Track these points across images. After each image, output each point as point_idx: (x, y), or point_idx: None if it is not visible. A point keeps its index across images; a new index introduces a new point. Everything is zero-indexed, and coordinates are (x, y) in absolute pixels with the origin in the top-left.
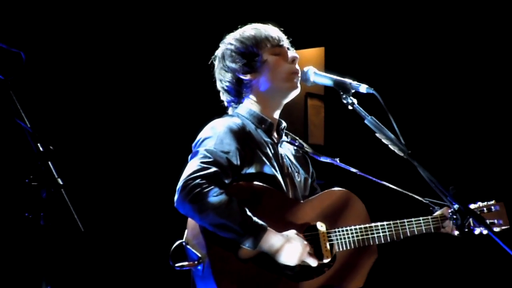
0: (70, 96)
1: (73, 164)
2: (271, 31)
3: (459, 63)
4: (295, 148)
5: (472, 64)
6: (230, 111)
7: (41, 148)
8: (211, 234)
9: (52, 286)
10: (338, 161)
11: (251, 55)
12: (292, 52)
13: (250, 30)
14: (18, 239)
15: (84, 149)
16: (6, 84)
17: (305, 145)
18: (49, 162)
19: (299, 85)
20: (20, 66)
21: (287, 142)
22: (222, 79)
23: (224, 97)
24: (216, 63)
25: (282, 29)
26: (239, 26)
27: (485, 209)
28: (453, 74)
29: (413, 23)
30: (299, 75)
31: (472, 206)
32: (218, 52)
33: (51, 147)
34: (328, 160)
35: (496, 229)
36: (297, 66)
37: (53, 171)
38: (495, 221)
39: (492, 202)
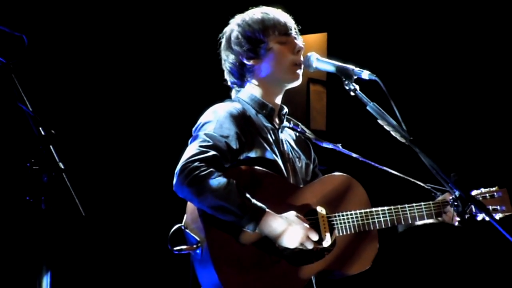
0: (72, 80)
1: (75, 148)
2: (281, 17)
3: (462, 49)
4: (297, 133)
5: (474, 50)
6: (233, 93)
7: (42, 132)
8: (210, 218)
9: (52, 270)
10: (340, 147)
11: (256, 41)
12: (299, 42)
13: (260, 14)
14: (19, 223)
15: (85, 134)
16: (8, 67)
17: (307, 130)
18: (51, 146)
19: (301, 76)
20: (22, 50)
21: (288, 127)
22: (226, 59)
23: (228, 77)
24: (223, 42)
25: (292, 16)
26: (250, 8)
27: (487, 195)
28: (456, 60)
29: (415, 9)
30: (302, 66)
31: (474, 192)
32: (226, 32)
33: (52, 131)
34: (330, 146)
35: (499, 215)
36: (301, 58)
37: (55, 155)
38: (498, 207)
39: (495, 188)
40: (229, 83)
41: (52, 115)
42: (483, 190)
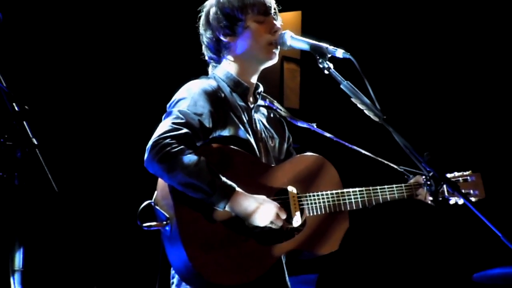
0: (46, 55)
1: (48, 124)
2: None
3: (434, 28)
4: (271, 112)
5: (446, 29)
6: (210, 69)
7: (16, 108)
8: (180, 195)
9: (25, 246)
10: (315, 126)
11: (234, 18)
12: (277, 23)
13: None
14: None
15: (59, 109)
16: None
17: (282, 109)
18: (24, 122)
19: (277, 56)
20: None
21: (263, 106)
22: (204, 34)
23: (205, 52)
24: (202, 16)
25: None
26: None
27: (460, 179)
28: (429, 39)
29: None
30: (279, 47)
31: (447, 175)
32: (206, 6)
33: (26, 107)
34: (305, 125)
35: (472, 200)
36: (278, 38)
37: (28, 131)
38: (471, 191)
39: (469, 172)
40: (206, 58)
41: (26, 90)
42: (456, 173)
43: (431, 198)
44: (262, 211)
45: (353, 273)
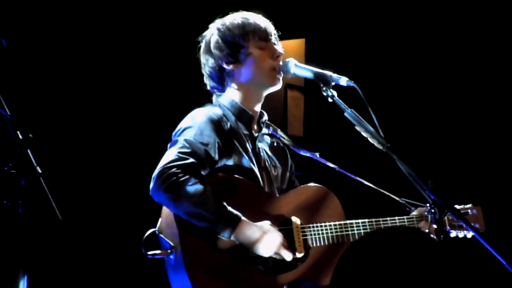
0: (50, 84)
1: (52, 153)
2: (261, 23)
3: (439, 56)
4: (274, 140)
5: (451, 58)
6: (214, 98)
7: (20, 136)
8: (185, 223)
9: (29, 273)
10: (318, 155)
11: (236, 45)
12: (278, 48)
13: (240, 18)
14: None
15: (63, 138)
16: None
17: (285, 137)
18: (28, 150)
19: (281, 81)
20: (1, 53)
21: (267, 134)
22: (206, 63)
23: (207, 81)
24: (202, 46)
25: (270, 21)
26: (230, 12)
27: (461, 212)
28: (433, 67)
29: (393, 15)
30: (281, 72)
31: None
32: (206, 36)
33: (30, 135)
34: (308, 154)
35: (472, 234)
36: (280, 63)
37: (32, 159)
38: (471, 224)
39: (470, 205)
40: (208, 88)
41: (30, 119)
42: (457, 207)
43: (435, 226)
44: (266, 241)
45: None
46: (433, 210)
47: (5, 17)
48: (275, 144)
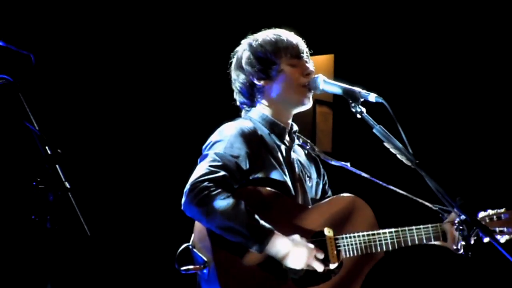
0: (78, 99)
1: (81, 168)
2: (293, 40)
3: (469, 73)
4: (307, 151)
5: (482, 73)
6: (243, 113)
7: (49, 151)
8: (218, 238)
9: None
10: (349, 165)
11: (268, 62)
12: (309, 66)
13: (272, 35)
14: (24, 242)
15: (92, 153)
16: (15, 86)
17: (316, 148)
18: (57, 165)
19: (311, 100)
20: (30, 68)
21: (298, 145)
22: (236, 79)
23: (237, 97)
24: (233, 61)
25: (301, 38)
26: (262, 29)
27: (495, 217)
28: (464, 84)
29: (423, 31)
30: (312, 90)
31: (481, 214)
32: (237, 51)
33: (59, 150)
34: (338, 164)
35: (506, 238)
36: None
37: (61, 174)
38: (505, 229)
39: (502, 210)
40: (238, 103)
41: (59, 134)
42: (490, 212)
43: (463, 243)
44: (297, 253)
45: None
46: (461, 227)
47: (33, 31)
48: (307, 154)
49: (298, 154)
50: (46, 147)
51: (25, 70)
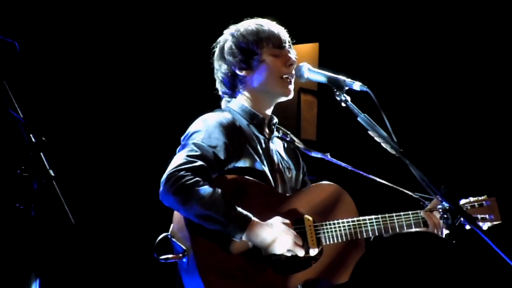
0: (63, 87)
1: (65, 156)
2: (275, 30)
3: (452, 61)
4: (286, 143)
5: (465, 63)
6: (223, 103)
7: (33, 139)
8: (196, 227)
9: (41, 277)
10: (329, 156)
11: (250, 52)
12: (292, 56)
13: (254, 25)
14: (8, 230)
15: (76, 141)
16: (0, 74)
17: (296, 140)
18: (41, 153)
19: (292, 91)
20: (14, 56)
21: (278, 137)
22: (219, 69)
23: (219, 87)
24: (216, 51)
25: (284, 26)
26: (244, 18)
27: (476, 204)
28: (447, 72)
29: (407, 19)
30: (293, 81)
31: (463, 201)
32: (220, 41)
33: (43, 138)
34: (319, 155)
35: (487, 225)
36: (293, 72)
37: (45, 162)
38: (487, 216)
39: (484, 197)
40: (220, 93)
41: (43, 122)
42: (471, 199)
43: (447, 231)
44: (279, 239)
45: None
46: (445, 215)
47: (18, 19)
48: (287, 146)
49: (277, 146)
50: (31, 135)
51: (10, 58)
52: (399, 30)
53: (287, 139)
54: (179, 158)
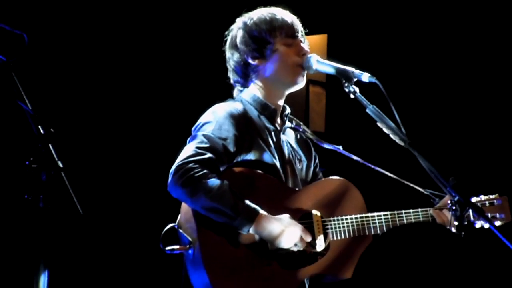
0: (71, 78)
1: (73, 147)
2: (289, 19)
3: (463, 52)
4: (298, 134)
5: (475, 54)
6: (235, 92)
7: (41, 131)
8: (203, 218)
9: (50, 269)
10: (341, 148)
11: (263, 41)
12: (304, 46)
13: (268, 14)
14: (17, 221)
15: (84, 132)
16: (8, 65)
17: (308, 130)
18: (50, 145)
19: (304, 80)
20: (23, 48)
21: (290, 128)
22: (231, 57)
23: (231, 75)
24: (228, 40)
25: (298, 18)
26: (257, 7)
27: (487, 202)
28: (457, 63)
29: (416, 11)
30: (305, 70)
31: (474, 199)
32: (232, 30)
33: (51, 130)
34: (331, 147)
35: (498, 223)
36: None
37: (54, 153)
38: (497, 215)
39: (495, 195)
40: (232, 82)
41: (52, 113)
42: (482, 197)
43: (455, 223)
44: (286, 234)
45: None
46: (454, 207)
47: (26, 11)
48: (299, 137)
49: (289, 137)
50: (39, 127)
51: (18, 50)
52: (407, 21)
53: (300, 129)
54: (188, 149)
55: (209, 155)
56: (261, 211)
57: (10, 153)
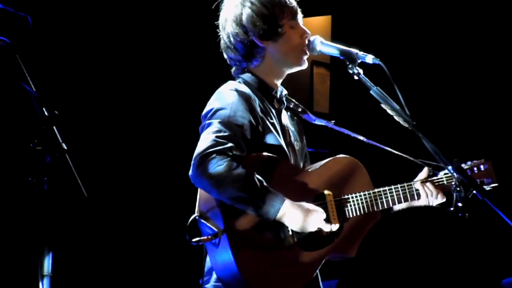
0: (75, 60)
1: (78, 129)
2: (292, 1)
3: (466, 34)
4: (291, 114)
5: (479, 36)
6: (233, 71)
7: (46, 113)
8: (228, 208)
9: (54, 251)
10: (332, 123)
11: (273, 23)
12: (304, 27)
13: None
14: (21, 203)
15: (89, 114)
16: (12, 48)
17: (300, 105)
18: (54, 127)
19: (306, 62)
20: (27, 30)
21: (289, 108)
22: (234, 35)
23: (229, 53)
24: (228, 16)
25: (301, 1)
26: None
27: (475, 168)
28: (460, 45)
29: None
30: (308, 52)
31: (462, 166)
32: (237, 6)
33: (56, 112)
34: (323, 122)
35: (486, 188)
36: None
37: (58, 136)
38: (485, 180)
39: (481, 160)
40: (228, 59)
41: (56, 95)
42: (470, 163)
43: (460, 205)
44: (311, 219)
45: (373, 278)
46: (458, 189)
47: None
48: (291, 117)
49: (286, 117)
50: (43, 109)
51: (23, 32)
52: (411, 2)
53: (299, 110)
54: (207, 139)
55: (230, 144)
56: (286, 199)
57: (14, 135)
